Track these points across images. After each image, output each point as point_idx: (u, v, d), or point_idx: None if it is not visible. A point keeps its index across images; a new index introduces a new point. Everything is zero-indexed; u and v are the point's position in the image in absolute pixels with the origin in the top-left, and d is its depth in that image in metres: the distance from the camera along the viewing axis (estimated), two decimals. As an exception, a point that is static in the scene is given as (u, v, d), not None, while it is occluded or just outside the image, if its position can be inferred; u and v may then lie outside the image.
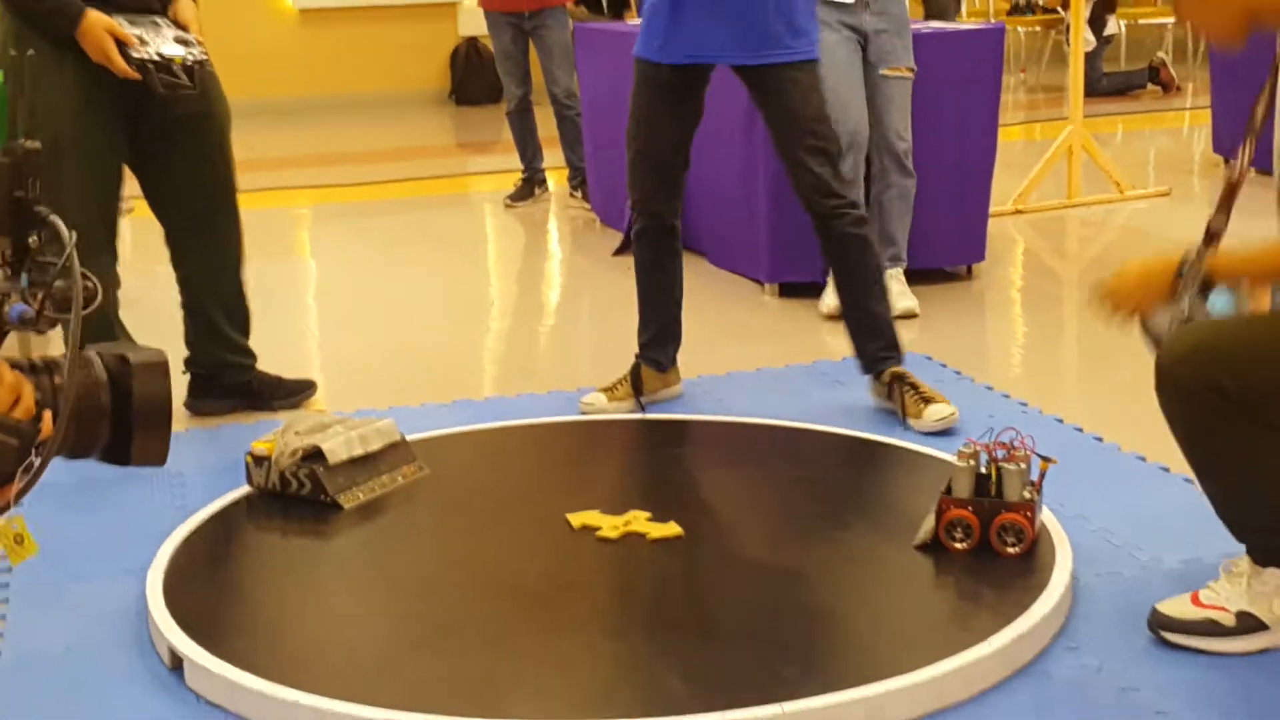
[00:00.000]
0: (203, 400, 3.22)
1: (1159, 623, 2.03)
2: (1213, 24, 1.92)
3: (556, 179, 6.06)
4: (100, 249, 2.96)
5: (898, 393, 3.01)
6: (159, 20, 2.92)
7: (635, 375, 3.16)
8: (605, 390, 3.15)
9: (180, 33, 2.93)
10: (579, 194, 5.71)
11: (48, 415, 1.21)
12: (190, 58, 2.87)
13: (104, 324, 2.98)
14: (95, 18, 2.81)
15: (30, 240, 1.30)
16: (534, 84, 5.71)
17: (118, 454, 1.29)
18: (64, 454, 1.25)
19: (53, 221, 1.29)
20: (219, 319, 3.20)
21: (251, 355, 3.27)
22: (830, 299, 3.81)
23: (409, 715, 1.81)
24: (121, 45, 2.83)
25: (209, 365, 3.22)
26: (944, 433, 2.89)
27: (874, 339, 3.04)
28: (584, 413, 3.11)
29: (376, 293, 4.51)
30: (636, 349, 3.20)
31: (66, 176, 2.86)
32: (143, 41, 2.84)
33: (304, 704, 1.86)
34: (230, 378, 3.23)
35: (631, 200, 3.13)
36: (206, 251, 3.15)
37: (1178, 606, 2.03)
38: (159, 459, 1.30)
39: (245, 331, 3.26)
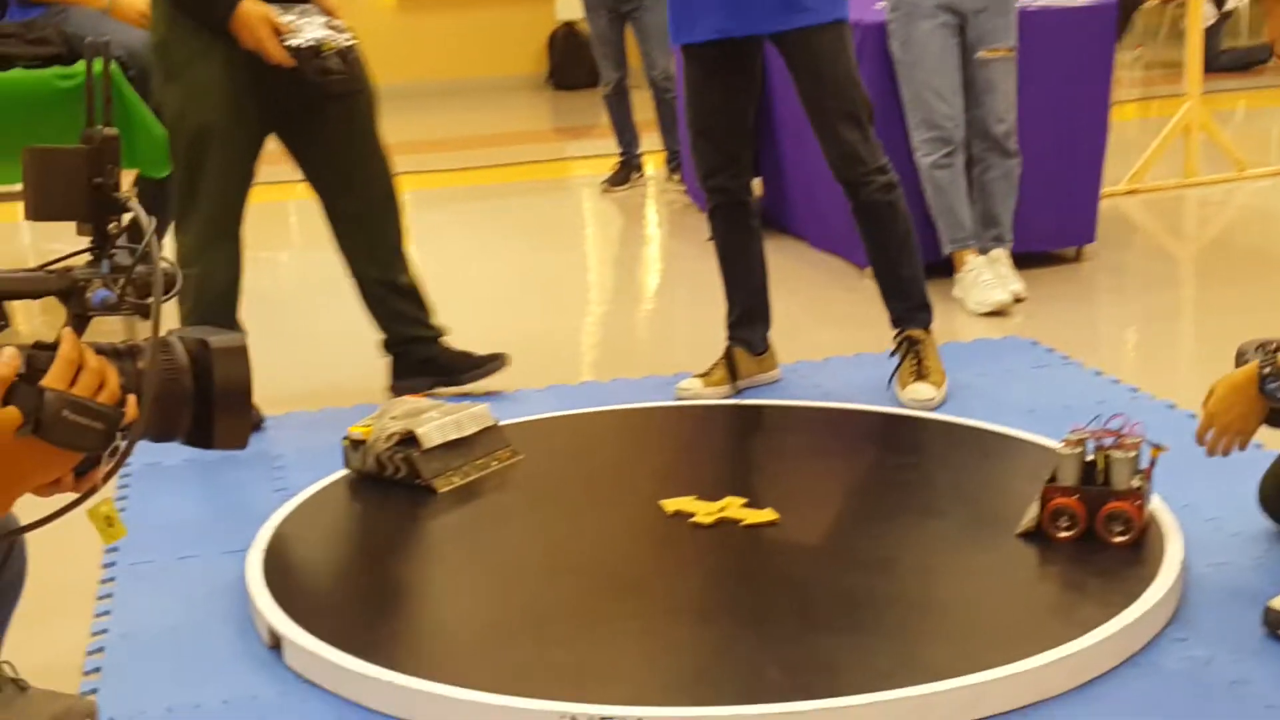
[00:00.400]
0: (400, 380, 3.21)
1: (1275, 621, 1.94)
2: None
3: (654, 163, 6.04)
4: (230, 238, 3.01)
5: (900, 356, 3.05)
6: (307, 6, 2.94)
7: (730, 359, 3.13)
8: (701, 376, 3.12)
9: (329, 18, 2.95)
10: (676, 177, 5.68)
11: (132, 399, 1.23)
12: (340, 42, 2.90)
13: (227, 310, 3.03)
14: (250, 6, 2.83)
15: (110, 226, 1.31)
16: (631, 67, 5.69)
17: (200, 437, 1.30)
18: (148, 437, 1.26)
19: (133, 208, 1.31)
20: (390, 293, 3.19)
21: (432, 328, 3.24)
22: (984, 294, 3.72)
23: (505, 699, 1.81)
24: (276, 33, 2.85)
25: (398, 341, 3.23)
26: (1057, 417, 2.81)
27: (902, 300, 3.07)
28: (679, 398, 3.09)
29: (473, 278, 4.54)
30: (727, 333, 3.18)
31: (209, 164, 2.93)
32: (295, 29, 2.86)
33: (400, 685, 1.87)
34: (416, 353, 3.22)
35: (699, 180, 3.12)
36: (367, 225, 3.14)
37: None
38: (240, 442, 1.31)
39: (420, 303, 3.23)
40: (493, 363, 3.23)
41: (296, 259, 5.10)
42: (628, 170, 5.84)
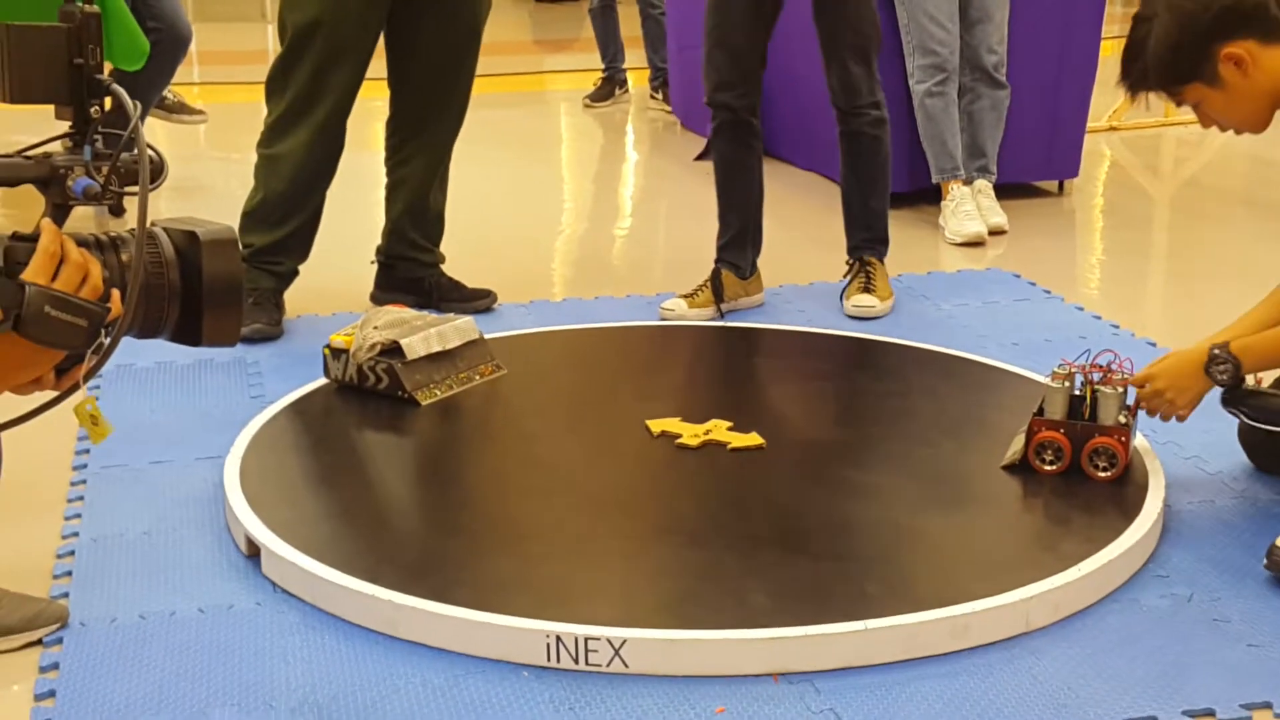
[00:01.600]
0: (384, 291, 3.18)
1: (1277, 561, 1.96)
2: (1242, 121, 2.12)
3: (637, 79, 5.94)
4: (317, 126, 2.93)
5: (853, 273, 3.17)
6: None
7: (716, 281, 3.11)
8: (685, 296, 3.10)
9: None
10: (659, 95, 5.60)
11: (116, 294, 1.18)
12: None
13: (291, 201, 2.96)
14: None
15: (92, 110, 1.26)
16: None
17: (188, 333, 1.26)
18: (133, 333, 1.22)
19: (116, 91, 1.25)
20: (415, 213, 3.15)
21: (436, 255, 3.22)
22: (961, 224, 3.71)
23: (485, 615, 1.80)
24: None
25: (393, 255, 3.19)
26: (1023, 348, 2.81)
27: (865, 230, 3.19)
28: (663, 318, 3.07)
29: (451, 191, 4.47)
30: (715, 254, 3.14)
31: (309, 54, 2.86)
32: None
33: (381, 598, 1.85)
34: (408, 271, 3.19)
35: (708, 94, 3.09)
36: (424, 139, 3.10)
37: None
38: (230, 338, 1.27)
39: (437, 230, 3.20)
40: (482, 299, 3.20)
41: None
42: (611, 86, 5.75)
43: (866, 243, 3.19)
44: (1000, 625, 1.82)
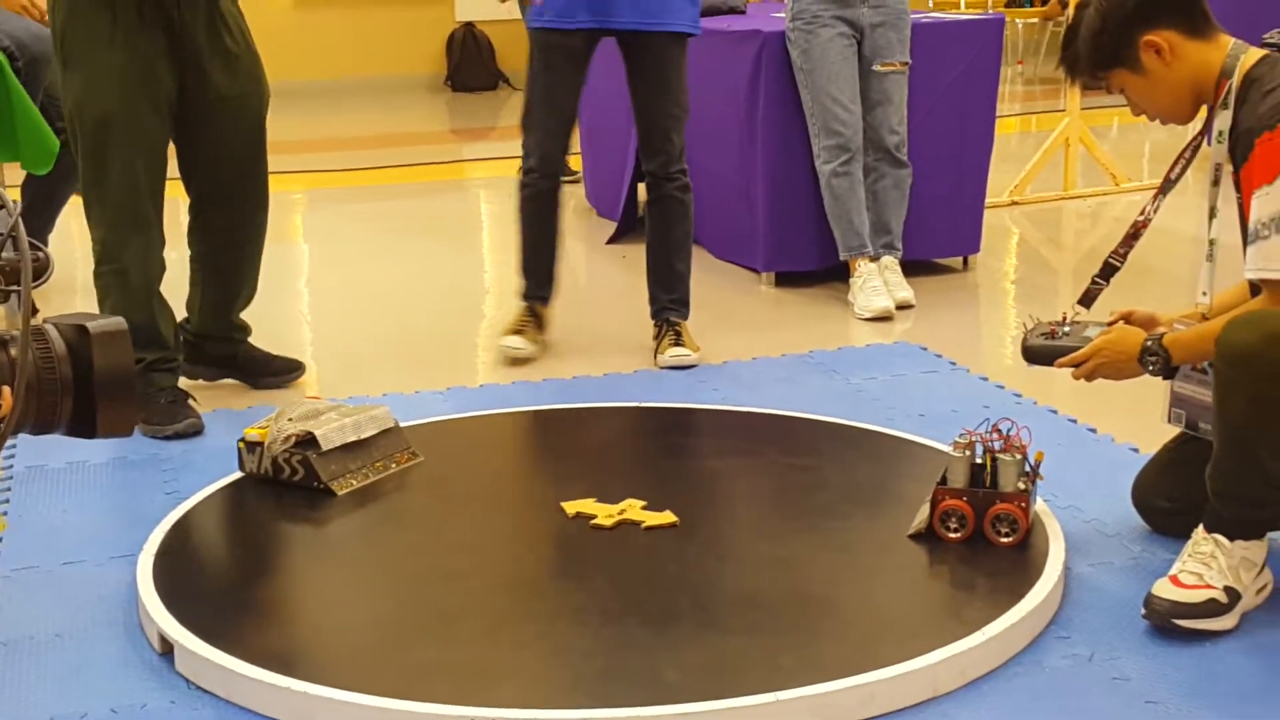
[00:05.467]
0: (189, 365, 3.21)
1: (1169, 611, 2.03)
2: (1166, 110, 2.20)
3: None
4: (146, 227, 2.95)
5: (661, 333, 3.44)
6: None
7: (535, 314, 3.48)
8: (515, 332, 3.43)
9: None
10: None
11: (5, 390, 1.19)
12: None
13: (148, 305, 2.98)
14: None
15: None
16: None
17: (83, 427, 1.27)
18: (27, 429, 1.23)
19: None
20: (227, 293, 3.18)
21: (245, 330, 3.28)
22: (869, 300, 3.83)
23: (403, 704, 1.80)
24: None
25: (198, 333, 3.22)
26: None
27: (669, 292, 3.47)
28: (511, 356, 3.40)
29: (370, 279, 4.49)
30: (523, 293, 3.49)
31: (111, 152, 2.87)
32: None
33: (296, 690, 1.85)
34: (219, 349, 3.24)
35: (533, 163, 3.37)
36: (229, 224, 3.12)
37: (1172, 590, 2.04)
38: (125, 429, 1.28)
39: (244, 307, 3.26)
40: (292, 371, 3.28)
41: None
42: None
43: (672, 304, 3.46)
44: (908, 691, 1.87)
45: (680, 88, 3.31)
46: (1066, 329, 2.32)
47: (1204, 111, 2.19)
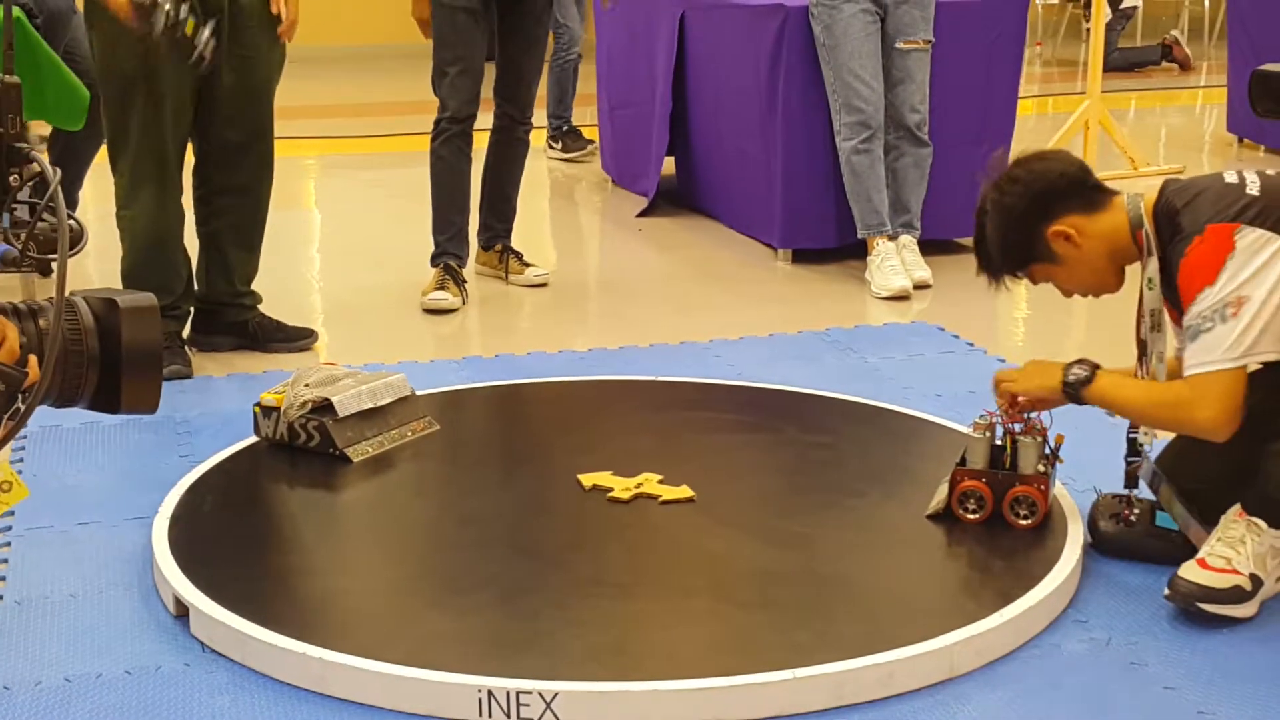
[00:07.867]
0: (203, 335, 3.23)
1: (1194, 594, 2.01)
2: (1094, 286, 2.20)
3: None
4: (163, 178, 3.01)
5: (506, 259, 3.87)
6: None
7: (455, 272, 3.69)
8: (439, 288, 3.63)
9: None
10: (557, 145, 5.68)
11: (33, 360, 1.18)
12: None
13: (161, 255, 3.05)
14: None
15: (10, 179, 1.26)
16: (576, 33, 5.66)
17: (106, 401, 1.26)
18: (50, 401, 1.22)
19: (36, 158, 1.26)
20: (232, 257, 3.21)
21: (255, 297, 3.28)
22: (887, 279, 3.81)
23: (417, 672, 1.80)
24: None
25: (211, 301, 3.23)
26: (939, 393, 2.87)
27: (503, 220, 3.89)
28: (431, 309, 3.59)
29: (386, 247, 4.47)
30: (435, 250, 3.71)
31: (134, 108, 2.95)
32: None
33: (312, 656, 1.84)
34: (230, 316, 3.25)
35: (449, 112, 3.68)
36: (234, 187, 3.17)
37: (1199, 574, 2.03)
38: (149, 406, 1.27)
39: (253, 273, 3.27)
40: (305, 338, 3.29)
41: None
42: (579, 137, 5.77)
43: (506, 231, 3.89)
44: (925, 672, 1.86)
45: (545, 43, 3.76)
46: (1136, 512, 2.22)
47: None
